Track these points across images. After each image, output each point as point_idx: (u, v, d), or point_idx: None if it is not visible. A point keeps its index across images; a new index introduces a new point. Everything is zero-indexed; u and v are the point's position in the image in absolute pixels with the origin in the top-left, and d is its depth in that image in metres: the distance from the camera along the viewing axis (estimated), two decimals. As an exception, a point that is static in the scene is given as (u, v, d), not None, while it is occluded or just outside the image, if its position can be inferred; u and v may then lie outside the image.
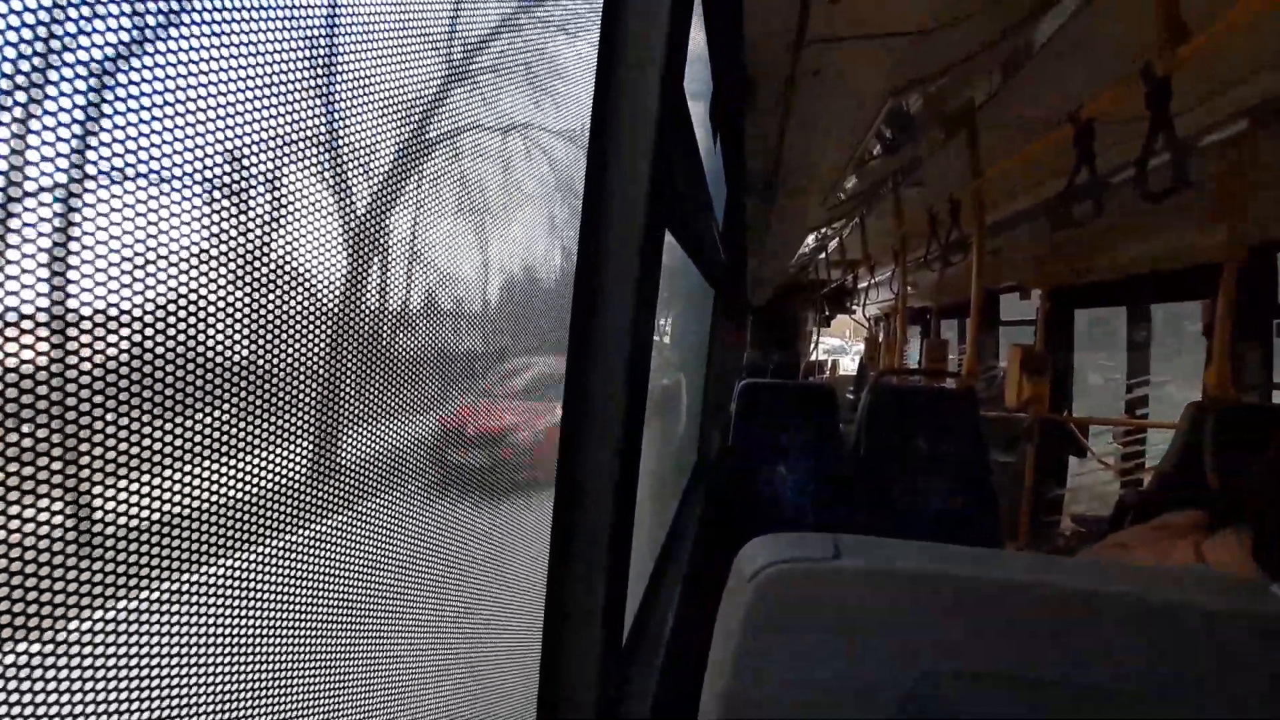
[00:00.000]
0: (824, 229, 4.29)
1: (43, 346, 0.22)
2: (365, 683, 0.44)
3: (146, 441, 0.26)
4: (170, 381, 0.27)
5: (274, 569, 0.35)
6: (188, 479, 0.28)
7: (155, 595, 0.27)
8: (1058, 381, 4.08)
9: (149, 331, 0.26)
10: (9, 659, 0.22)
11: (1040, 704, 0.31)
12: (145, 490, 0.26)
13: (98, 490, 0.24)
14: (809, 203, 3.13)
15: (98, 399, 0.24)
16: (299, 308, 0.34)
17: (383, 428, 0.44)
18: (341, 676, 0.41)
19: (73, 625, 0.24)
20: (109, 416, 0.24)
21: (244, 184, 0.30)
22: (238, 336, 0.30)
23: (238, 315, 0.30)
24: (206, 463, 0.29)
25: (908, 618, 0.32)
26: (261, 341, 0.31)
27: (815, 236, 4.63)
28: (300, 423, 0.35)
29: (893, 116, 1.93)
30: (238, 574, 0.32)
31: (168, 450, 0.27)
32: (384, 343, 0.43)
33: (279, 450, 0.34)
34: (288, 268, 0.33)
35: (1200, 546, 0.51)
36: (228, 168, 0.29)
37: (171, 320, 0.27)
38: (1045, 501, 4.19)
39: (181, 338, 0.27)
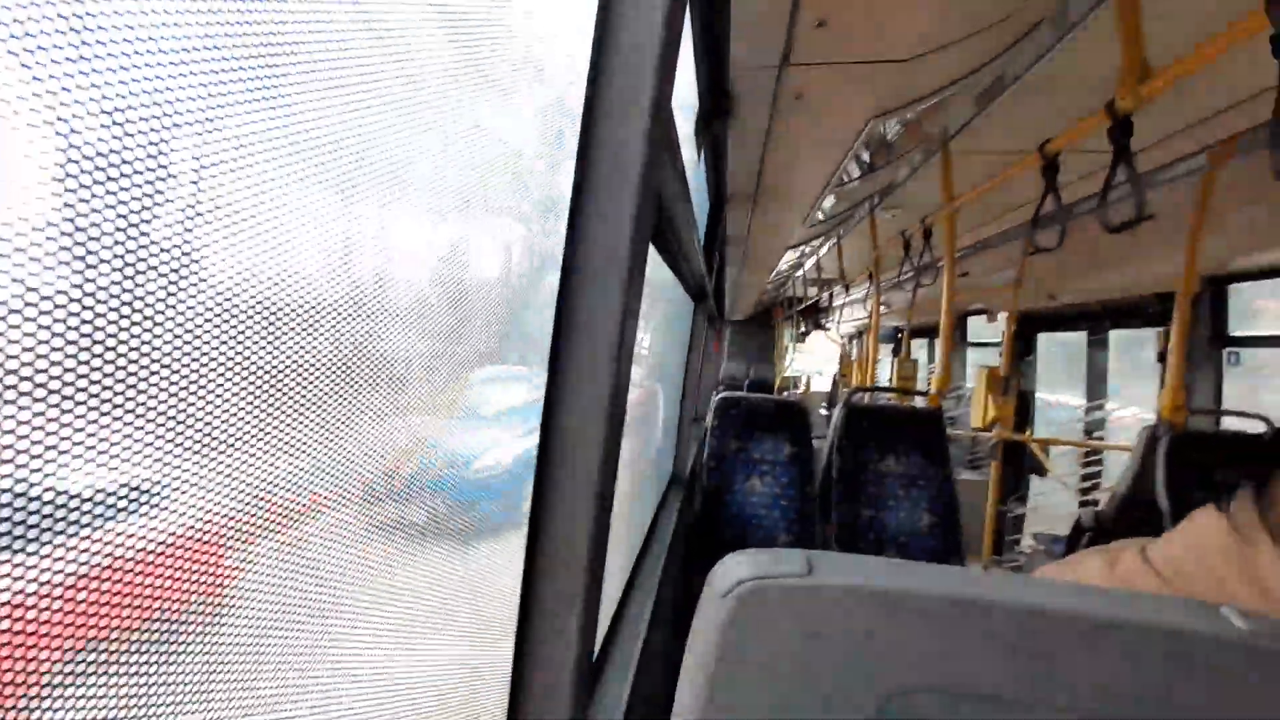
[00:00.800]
0: (802, 247, 4.37)
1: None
2: (328, 695, 0.42)
3: (119, 438, 0.25)
4: (151, 380, 0.26)
5: (243, 580, 0.33)
6: (164, 481, 0.27)
7: (115, 597, 0.26)
8: (1021, 403, 4.21)
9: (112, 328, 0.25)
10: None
11: None
12: (111, 490, 0.25)
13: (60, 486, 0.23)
14: (788, 221, 3.19)
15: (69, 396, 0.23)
16: (276, 313, 0.33)
17: (356, 439, 0.43)
18: (308, 690, 0.40)
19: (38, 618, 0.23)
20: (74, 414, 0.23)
21: (220, 183, 0.29)
22: (217, 338, 0.29)
23: (212, 318, 0.29)
24: (176, 465, 0.28)
25: (880, 634, 0.32)
26: (234, 346, 0.30)
27: (793, 254, 4.71)
28: (271, 434, 0.34)
29: (871, 141, 1.98)
30: (200, 581, 0.31)
31: (143, 451, 0.26)
32: (358, 354, 0.42)
33: (249, 461, 0.33)
34: (261, 272, 0.32)
35: (1145, 550, 0.52)
36: (192, 159, 0.28)
37: (144, 329, 0.26)
38: (1008, 520, 4.31)
39: (159, 342, 0.26)
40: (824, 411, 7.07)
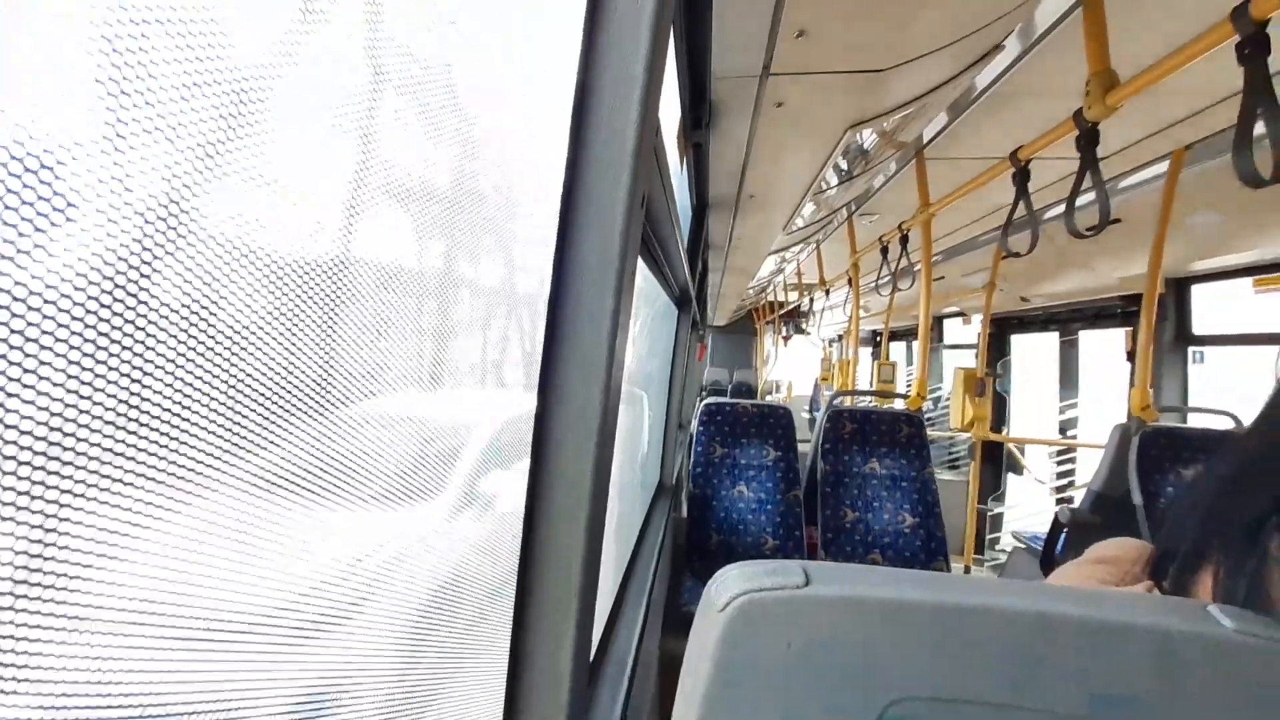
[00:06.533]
0: (783, 252, 4.42)
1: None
2: (322, 697, 0.42)
3: (114, 442, 0.25)
4: (146, 381, 0.25)
5: (239, 580, 0.33)
6: (157, 481, 0.27)
7: (101, 599, 0.26)
8: (997, 404, 4.30)
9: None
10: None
11: None
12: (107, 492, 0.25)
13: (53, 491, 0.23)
14: (769, 227, 3.22)
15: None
16: (261, 319, 0.33)
17: (345, 444, 0.42)
18: (301, 692, 0.39)
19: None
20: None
21: (205, 181, 0.29)
22: (205, 340, 0.29)
23: (204, 318, 0.29)
24: (168, 468, 0.28)
25: (878, 645, 0.32)
26: (226, 349, 0.30)
27: (774, 260, 4.76)
28: (260, 437, 0.34)
29: (849, 149, 2.02)
30: (190, 588, 0.31)
31: (134, 453, 0.26)
32: (348, 359, 0.42)
33: (236, 470, 0.32)
34: (236, 279, 0.32)
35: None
36: (186, 149, 0.28)
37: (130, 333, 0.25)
38: (988, 518, 4.39)
39: (150, 348, 0.26)
40: (806, 415, 7.14)
